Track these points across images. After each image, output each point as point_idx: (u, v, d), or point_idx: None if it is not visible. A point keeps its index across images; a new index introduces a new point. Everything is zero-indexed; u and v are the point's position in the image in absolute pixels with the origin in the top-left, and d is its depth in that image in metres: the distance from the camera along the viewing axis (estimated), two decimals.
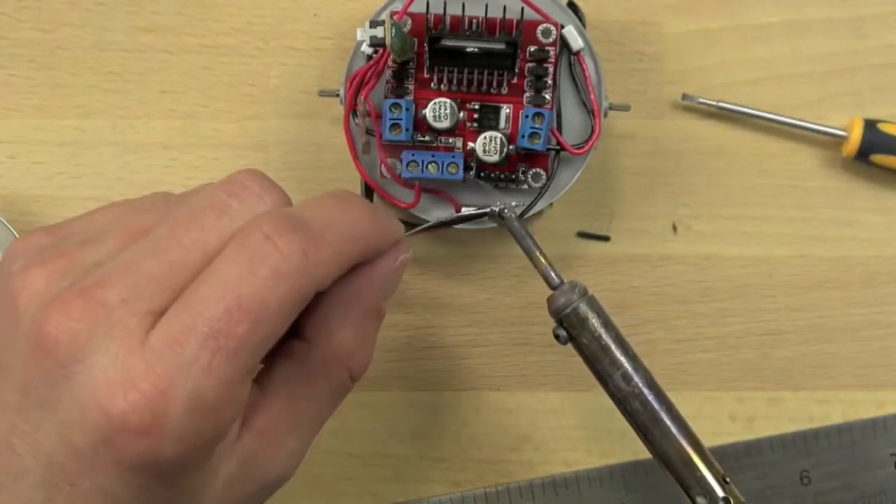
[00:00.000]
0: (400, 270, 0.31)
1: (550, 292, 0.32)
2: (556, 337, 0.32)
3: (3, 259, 0.28)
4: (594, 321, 0.31)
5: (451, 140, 0.36)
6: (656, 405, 0.31)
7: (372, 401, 0.39)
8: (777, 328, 0.40)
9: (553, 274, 0.32)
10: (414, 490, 0.39)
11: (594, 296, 0.32)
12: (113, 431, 0.25)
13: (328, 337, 0.30)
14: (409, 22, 0.35)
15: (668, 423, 0.31)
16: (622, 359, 0.31)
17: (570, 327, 0.31)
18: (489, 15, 0.34)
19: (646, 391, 0.31)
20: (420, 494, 0.39)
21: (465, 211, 0.36)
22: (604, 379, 0.31)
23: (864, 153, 0.39)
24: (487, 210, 0.33)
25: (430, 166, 0.34)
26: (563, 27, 0.35)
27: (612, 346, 0.31)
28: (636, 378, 0.31)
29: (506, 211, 0.33)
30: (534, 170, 0.36)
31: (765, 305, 0.40)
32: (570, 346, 0.32)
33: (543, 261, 0.32)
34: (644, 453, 0.39)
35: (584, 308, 0.31)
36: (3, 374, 0.27)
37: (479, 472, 0.39)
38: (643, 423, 0.31)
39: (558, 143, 0.35)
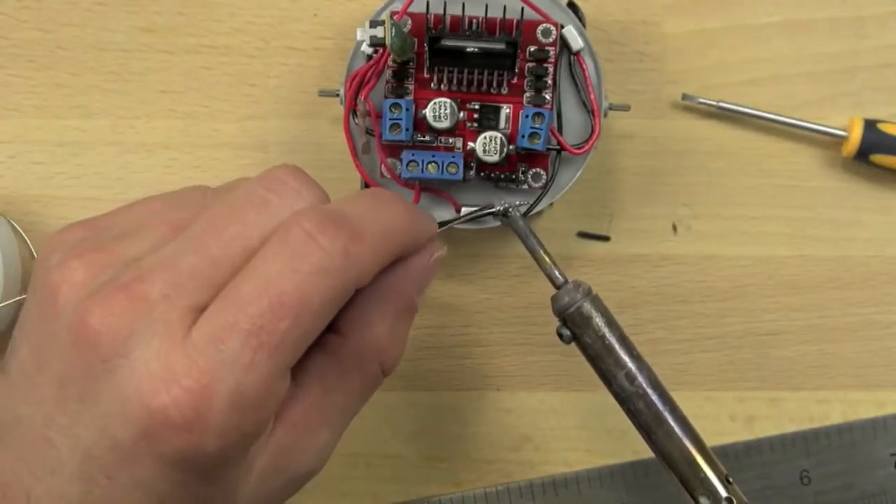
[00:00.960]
0: (434, 267, 0.31)
1: (553, 291, 0.32)
2: (560, 336, 0.32)
3: (41, 253, 0.28)
4: (598, 320, 0.31)
5: (451, 140, 0.36)
6: (660, 405, 0.31)
7: (372, 401, 0.39)
8: (777, 328, 0.40)
9: (557, 273, 0.32)
10: (414, 490, 0.39)
11: (598, 295, 0.32)
12: (154, 426, 0.25)
13: (363, 331, 0.30)
14: (409, 22, 0.35)
15: (672, 422, 0.31)
16: (626, 358, 0.31)
17: (573, 326, 0.31)
18: (489, 15, 0.34)
19: (649, 391, 0.31)
20: (420, 494, 0.39)
21: (465, 211, 0.36)
22: (607, 378, 0.31)
23: (864, 153, 0.39)
24: (491, 209, 0.34)
25: (430, 166, 0.34)
26: (563, 27, 0.35)
27: (616, 346, 0.31)
28: (640, 378, 0.31)
29: (510, 210, 0.33)
30: (534, 170, 0.36)
31: (765, 305, 0.40)
32: (571, 345, 0.32)
33: (548, 260, 0.32)
34: (644, 453, 0.39)
35: (588, 307, 0.31)
36: (40, 367, 0.27)
37: (479, 472, 0.39)
38: (647, 422, 0.31)
39: (558, 143, 0.35)
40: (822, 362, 0.40)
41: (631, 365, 0.31)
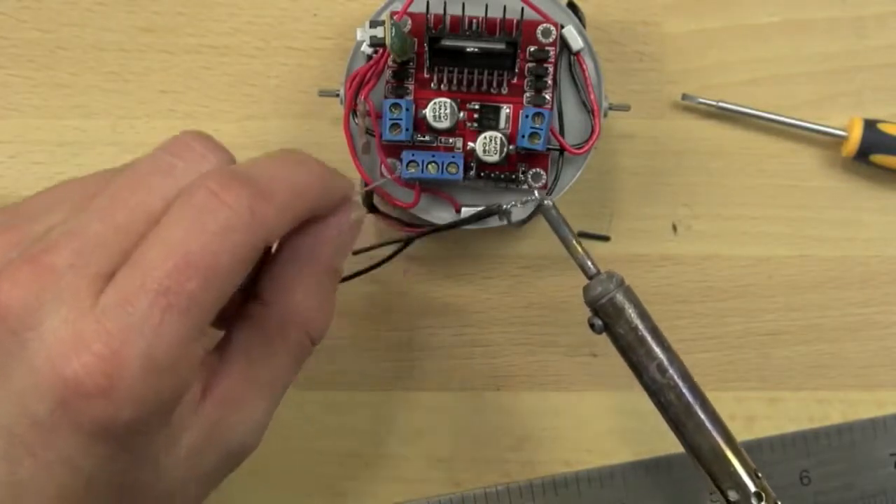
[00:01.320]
0: (354, 229, 0.31)
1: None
2: (592, 326, 0.32)
3: None
4: (631, 311, 0.31)
5: (451, 140, 0.36)
6: (690, 398, 0.31)
7: (372, 401, 0.39)
8: (777, 328, 0.40)
9: (590, 263, 0.32)
10: (414, 490, 0.39)
11: (630, 286, 0.31)
12: (69, 394, 0.24)
13: (284, 298, 0.29)
14: (409, 22, 0.35)
15: (702, 415, 0.31)
16: (658, 350, 0.31)
17: (605, 317, 0.31)
18: (489, 15, 0.34)
19: (681, 383, 0.31)
20: (420, 494, 0.39)
21: (465, 211, 0.36)
22: (638, 370, 0.31)
23: (864, 153, 0.39)
24: (494, 209, 0.34)
25: (430, 166, 0.34)
26: (563, 27, 0.35)
27: (648, 337, 0.31)
28: (671, 370, 0.31)
29: (546, 201, 0.33)
30: (534, 170, 0.36)
31: (765, 305, 0.40)
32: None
33: (580, 249, 0.32)
34: (644, 453, 0.39)
35: (620, 298, 0.31)
36: None
37: (479, 472, 0.39)
38: (677, 415, 0.31)
39: (558, 143, 0.35)
40: (822, 362, 0.40)
41: (662, 356, 0.31)
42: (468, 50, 0.34)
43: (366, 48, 0.35)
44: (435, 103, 0.35)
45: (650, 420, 0.39)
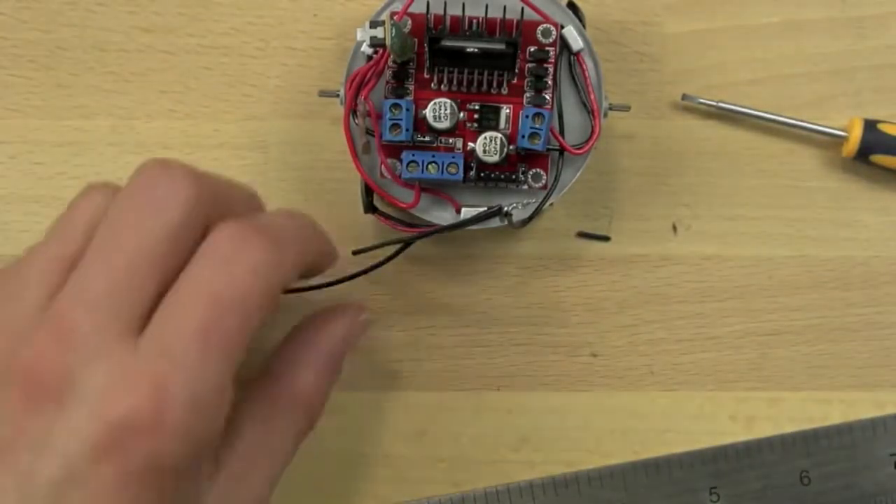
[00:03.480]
0: (363, 326, 0.34)
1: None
2: None
3: None
4: None
5: (451, 140, 0.36)
6: None
7: (372, 401, 0.39)
8: (777, 328, 0.40)
9: None
10: (414, 490, 0.39)
11: None
12: (118, 435, 0.24)
13: (294, 373, 0.31)
14: (409, 22, 0.35)
15: None
16: None
17: None
18: (489, 15, 0.34)
19: None
20: (420, 494, 0.39)
21: (465, 211, 0.36)
22: None
23: (864, 153, 0.39)
24: (495, 210, 0.34)
25: (430, 167, 0.34)
26: (563, 27, 0.35)
27: None
28: None
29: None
30: (534, 170, 0.36)
31: (765, 305, 0.40)
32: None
33: None
34: (644, 453, 0.39)
35: None
36: None
37: (479, 472, 0.39)
38: None
39: (558, 143, 0.35)
40: (822, 362, 0.40)
41: None
42: (468, 50, 0.34)
43: (366, 48, 0.35)
44: (435, 103, 0.35)
45: (650, 420, 0.40)
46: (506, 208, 0.35)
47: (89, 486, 0.24)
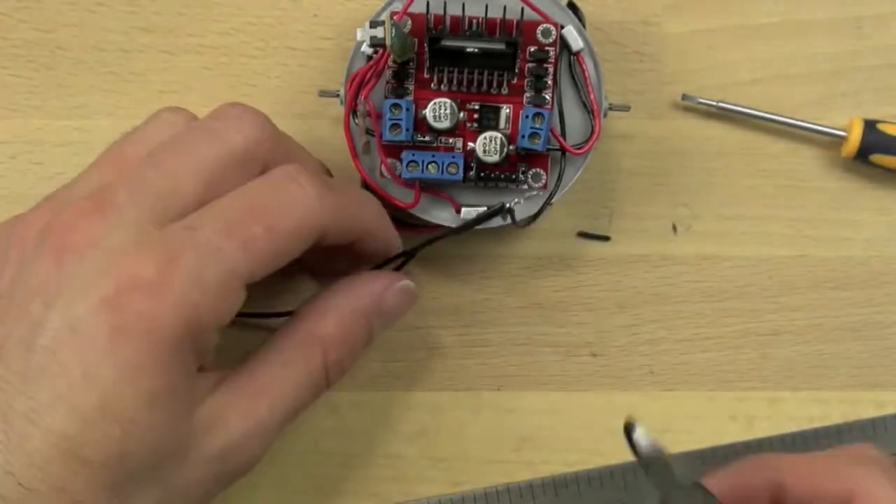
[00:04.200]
0: (401, 293, 0.34)
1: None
2: None
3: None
4: None
5: (451, 140, 0.36)
6: None
7: (372, 401, 0.39)
8: (777, 328, 0.40)
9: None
10: (414, 490, 0.39)
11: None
12: (119, 293, 0.26)
13: (317, 317, 0.32)
14: (409, 22, 0.35)
15: None
16: None
17: None
18: (489, 15, 0.34)
19: None
20: (420, 494, 0.39)
21: (465, 211, 0.36)
22: None
23: (863, 153, 0.39)
24: (498, 207, 0.34)
25: (430, 166, 0.34)
26: (563, 27, 0.35)
27: None
28: None
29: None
30: (534, 170, 0.36)
31: (765, 305, 0.40)
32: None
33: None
34: None
35: None
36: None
37: (479, 472, 0.39)
38: None
39: (558, 143, 0.35)
40: (822, 362, 0.40)
41: None
42: (468, 50, 0.34)
43: (366, 48, 0.35)
44: (435, 103, 0.35)
45: (650, 420, 0.39)
46: (508, 204, 0.35)
47: (83, 335, 0.25)
